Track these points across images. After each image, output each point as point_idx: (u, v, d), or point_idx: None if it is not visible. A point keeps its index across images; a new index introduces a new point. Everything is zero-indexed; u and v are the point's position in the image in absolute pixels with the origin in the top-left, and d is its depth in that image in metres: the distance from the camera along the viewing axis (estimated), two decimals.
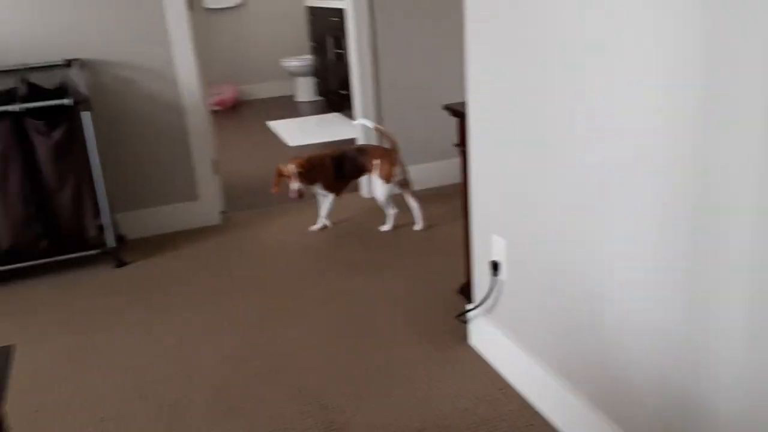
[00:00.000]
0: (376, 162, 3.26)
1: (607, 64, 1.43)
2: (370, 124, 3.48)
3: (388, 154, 3.28)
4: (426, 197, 3.79)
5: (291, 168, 3.15)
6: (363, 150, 3.37)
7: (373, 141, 3.75)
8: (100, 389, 2.21)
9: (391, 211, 3.35)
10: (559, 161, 1.67)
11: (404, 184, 3.33)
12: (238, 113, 6.60)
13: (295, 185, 3.14)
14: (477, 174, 2.11)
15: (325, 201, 3.39)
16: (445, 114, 2.34)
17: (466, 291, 2.54)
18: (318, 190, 3.33)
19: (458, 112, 2.24)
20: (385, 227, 3.36)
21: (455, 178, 3.88)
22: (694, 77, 1.22)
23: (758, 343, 1.20)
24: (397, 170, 3.27)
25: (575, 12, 1.50)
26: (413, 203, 3.36)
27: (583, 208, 1.61)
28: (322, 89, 6.47)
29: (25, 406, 2.15)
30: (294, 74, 6.90)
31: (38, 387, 2.25)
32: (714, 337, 1.30)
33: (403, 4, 3.63)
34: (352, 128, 5.42)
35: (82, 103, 2.90)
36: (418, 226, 3.36)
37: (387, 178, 3.25)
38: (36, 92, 3.05)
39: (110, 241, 3.10)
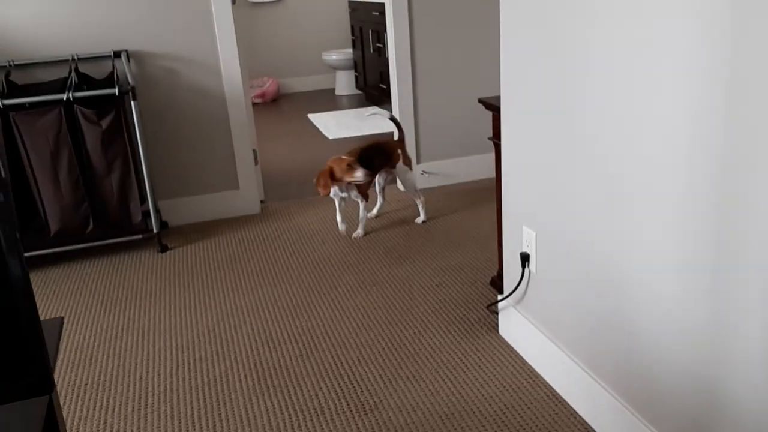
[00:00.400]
0: (399, 153, 3.33)
1: (639, 64, 1.46)
2: (384, 113, 3.46)
3: (402, 144, 3.38)
4: (462, 190, 3.84)
5: (348, 159, 3.09)
6: (382, 144, 3.37)
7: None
8: (143, 365, 2.31)
9: (422, 199, 3.41)
10: (589, 156, 1.70)
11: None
12: (279, 106, 6.72)
13: (360, 174, 3.07)
14: (509, 166, 2.15)
15: (361, 210, 3.29)
16: (480, 108, 2.39)
17: (497, 283, 2.59)
18: (354, 195, 3.25)
19: (492, 106, 2.28)
20: (421, 218, 3.41)
21: (491, 172, 3.91)
22: (723, 78, 1.25)
23: None
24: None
25: (609, 14, 1.53)
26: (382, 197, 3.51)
27: (610, 203, 1.64)
28: (362, 83, 6.54)
29: (73, 379, 2.26)
30: (334, 68, 6.99)
31: (85, 362, 2.36)
32: (735, 331, 1.33)
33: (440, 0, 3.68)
34: (389, 122, 5.49)
35: (129, 92, 3.01)
36: (374, 211, 3.52)
37: (410, 165, 3.37)
38: (86, 82, 3.18)
39: (154, 226, 3.21)
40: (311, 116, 6.04)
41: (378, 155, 3.31)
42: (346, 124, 5.67)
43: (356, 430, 1.93)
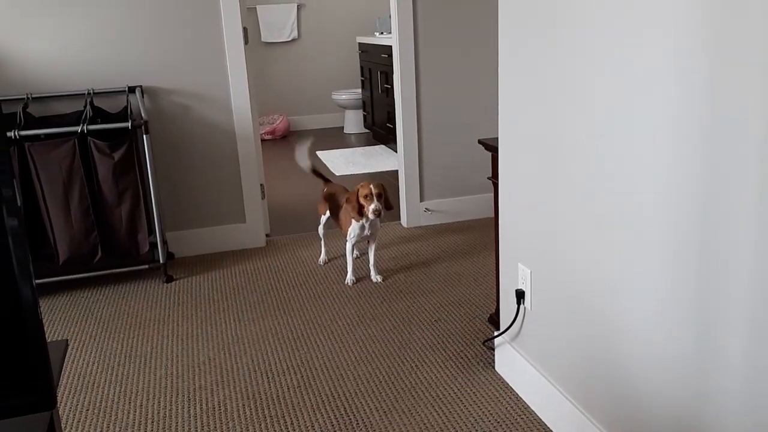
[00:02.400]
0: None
1: (627, 109, 1.53)
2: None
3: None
4: (463, 228, 3.90)
5: (371, 189, 3.04)
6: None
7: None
8: (144, 392, 2.35)
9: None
10: (579, 198, 1.76)
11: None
12: (289, 142, 6.83)
13: (374, 206, 3.03)
14: (505, 205, 2.21)
15: (371, 254, 3.30)
16: (482, 149, 2.46)
17: (495, 320, 2.63)
18: (374, 225, 3.20)
19: (491, 147, 2.35)
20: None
21: (491, 211, 3.97)
22: (702, 121, 1.31)
23: (757, 375, 1.27)
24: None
25: (594, 65, 1.61)
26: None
27: (601, 243, 1.70)
28: (370, 122, 6.66)
29: (75, 404, 2.30)
30: (343, 107, 7.12)
31: (88, 387, 2.40)
32: (719, 368, 1.37)
33: (445, 44, 3.78)
34: (396, 160, 5.58)
35: (141, 126, 3.11)
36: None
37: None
38: (100, 115, 3.28)
39: (161, 257, 3.27)
40: (320, 153, 6.14)
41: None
42: (353, 161, 5.77)
43: None
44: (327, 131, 7.34)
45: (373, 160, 5.81)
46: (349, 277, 3.22)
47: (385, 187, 3.15)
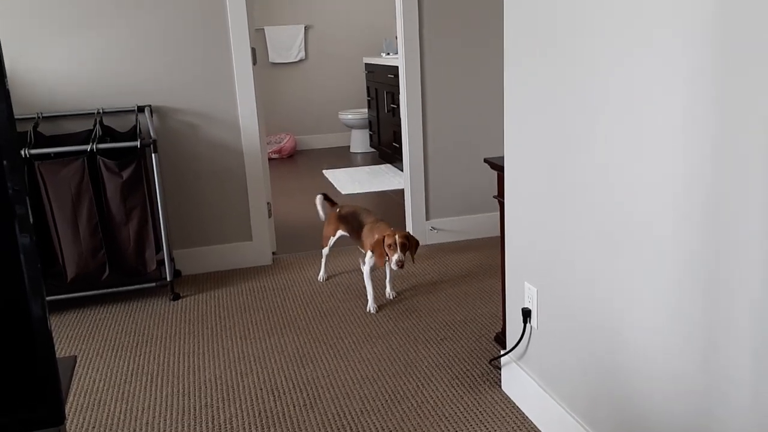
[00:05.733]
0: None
1: (634, 126, 1.54)
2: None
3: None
4: (469, 247, 3.90)
5: (396, 239, 2.96)
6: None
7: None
8: (150, 410, 2.36)
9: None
10: (587, 215, 1.77)
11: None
12: (296, 161, 6.87)
13: (397, 256, 2.95)
14: (511, 223, 2.22)
15: (388, 270, 3.23)
16: (488, 168, 2.47)
17: (502, 339, 2.62)
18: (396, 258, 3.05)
19: (497, 166, 2.36)
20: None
21: (497, 230, 3.98)
22: (710, 141, 1.32)
23: (764, 393, 1.27)
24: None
25: (603, 78, 1.63)
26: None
27: (607, 260, 1.70)
28: (376, 141, 6.69)
29: (81, 422, 2.31)
30: (350, 126, 7.17)
31: (94, 405, 2.41)
32: (725, 387, 1.36)
33: (451, 64, 3.81)
34: (402, 180, 5.60)
35: (150, 145, 3.13)
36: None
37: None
38: (110, 134, 3.32)
39: (168, 275, 3.29)
40: (326, 172, 6.18)
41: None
42: (359, 180, 5.79)
43: None
44: (333, 150, 7.38)
45: (379, 179, 5.83)
46: (371, 305, 3.09)
47: (412, 237, 3.04)
